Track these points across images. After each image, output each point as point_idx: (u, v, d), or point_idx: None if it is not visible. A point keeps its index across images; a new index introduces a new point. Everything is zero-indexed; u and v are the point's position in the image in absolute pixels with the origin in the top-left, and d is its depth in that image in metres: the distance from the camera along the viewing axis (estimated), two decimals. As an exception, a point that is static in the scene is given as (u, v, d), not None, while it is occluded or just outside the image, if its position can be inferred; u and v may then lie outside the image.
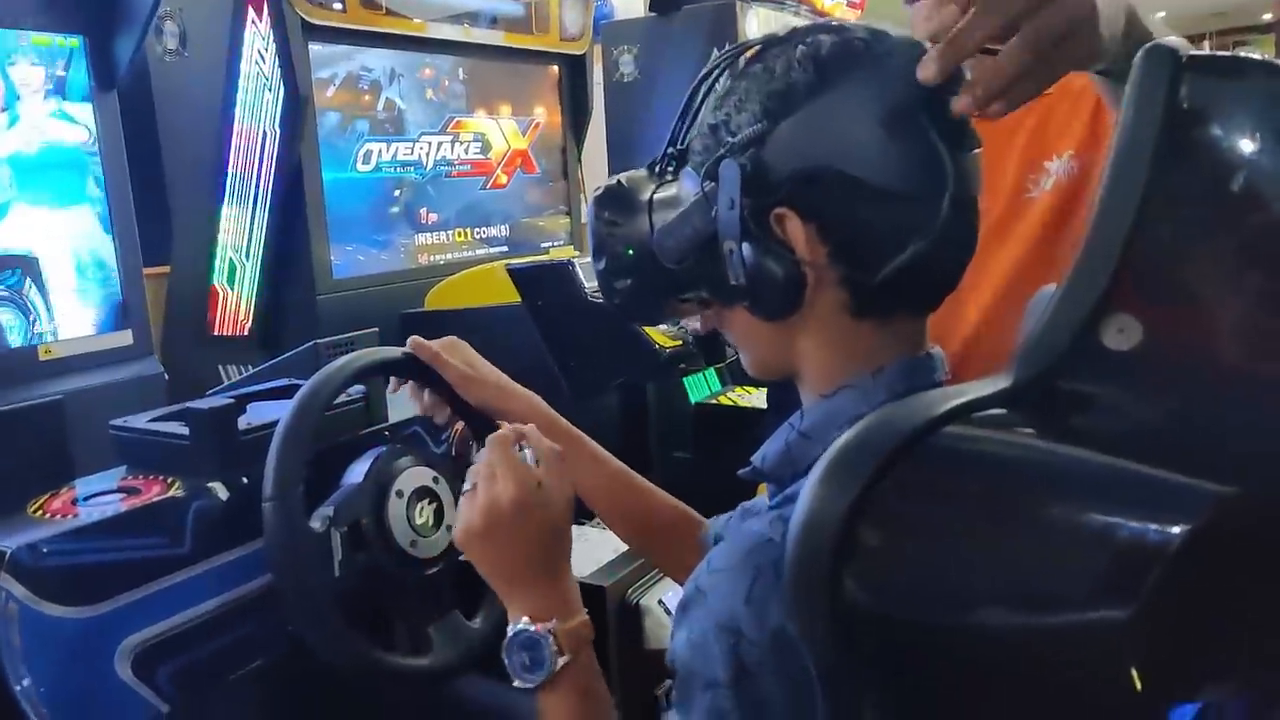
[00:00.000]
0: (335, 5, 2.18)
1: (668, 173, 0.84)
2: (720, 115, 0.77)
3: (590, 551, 1.57)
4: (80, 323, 1.87)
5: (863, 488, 0.53)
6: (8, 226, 1.80)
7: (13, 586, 0.95)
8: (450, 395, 1.16)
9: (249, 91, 2.17)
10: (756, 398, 2.27)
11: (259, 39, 2.13)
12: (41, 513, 1.08)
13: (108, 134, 1.90)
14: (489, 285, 2.11)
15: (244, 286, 2.28)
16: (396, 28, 2.36)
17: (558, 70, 2.95)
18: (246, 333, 2.28)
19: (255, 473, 1.06)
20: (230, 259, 2.28)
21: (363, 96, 2.40)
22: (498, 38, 2.67)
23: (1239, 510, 0.50)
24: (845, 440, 0.55)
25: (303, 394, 1.07)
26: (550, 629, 0.83)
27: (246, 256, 2.26)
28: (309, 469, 1.05)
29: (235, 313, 2.29)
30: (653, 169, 0.85)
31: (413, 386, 1.18)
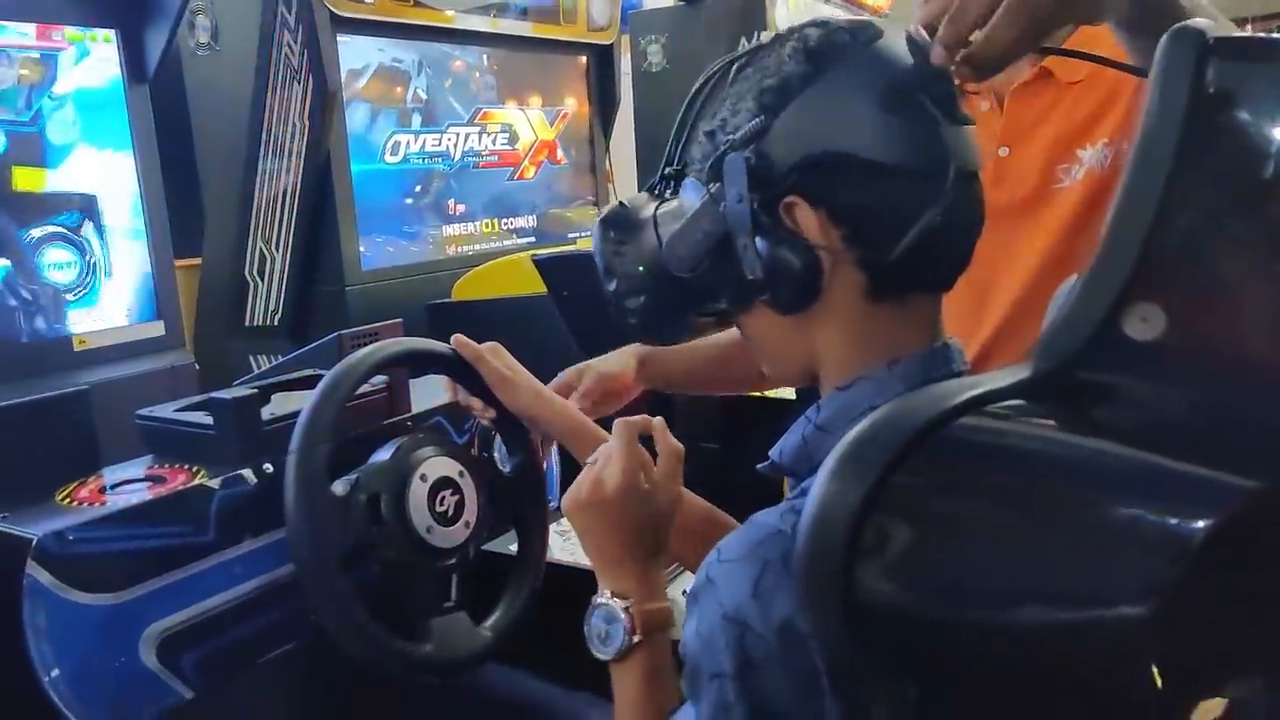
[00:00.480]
0: (364, -3, 2.19)
1: (668, 191, 0.84)
2: (716, 121, 0.78)
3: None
4: (113, 313, 1.89)
5: (875, 481, 0.52)
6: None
7: (39, 573, 0.96)
8: (486, 396, 1.16)
9: (278, 84, 2.19)
10: (785, 389, 2.25)
11: (288, 32, 2.15)
12: (69, 500, 1.09)
13: (140, 128, 1.92)
14: (515, 276, 2.11)
15: (274, 278, 2.30)
16: (424, 19, 2.37)
17: (585, 61, 2.94)
18: (277, 324, 2.31)
19: (279, 461, 1.07)
20: (261, 251, 2.30)
21: (391, 89, 2.41)
22: (525, 28, 2.67)
23: (1265, 504, 0.48)
24: (857, 433, 0.54)
25: (345, 364, 1.08)
26: (628, 607, 0.86)
27: (277, 248, 2.28)
28: (335, 451, 1.06)
29: (266, 304, 2.32)
30: (652, 190, 0.85)
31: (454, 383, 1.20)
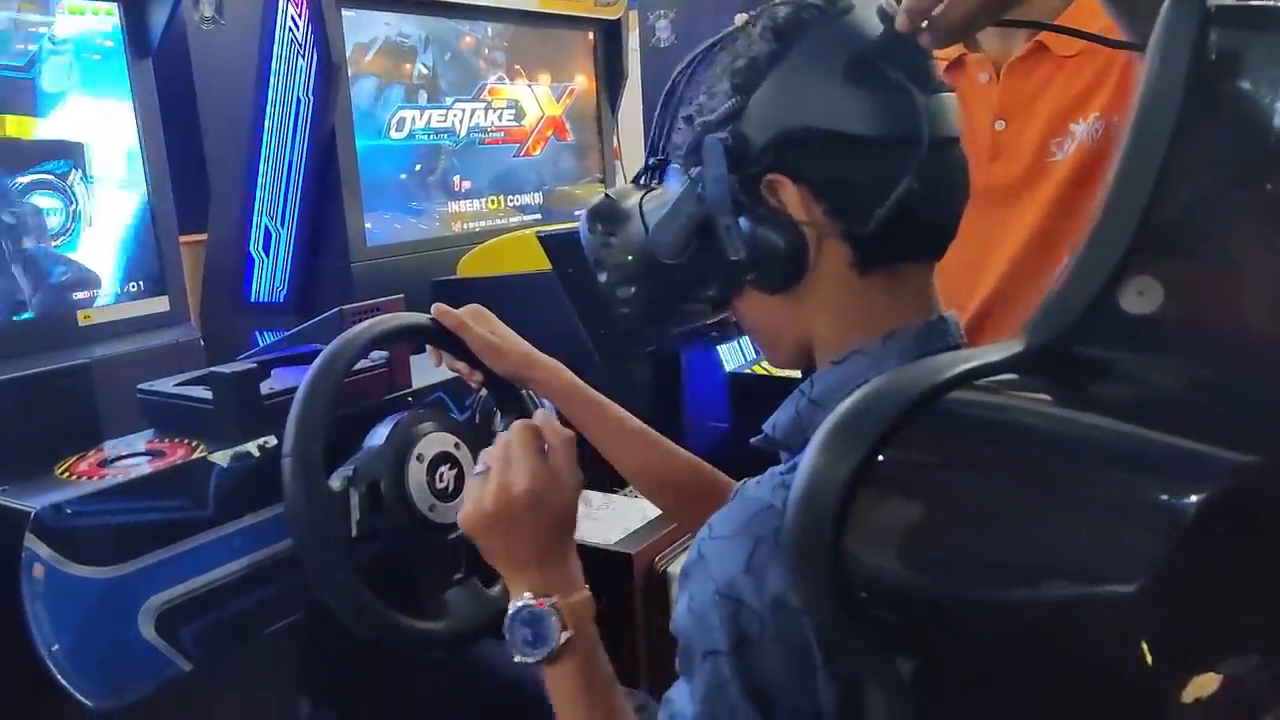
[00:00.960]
0: (368, -30, 2.18)
1: (653, 181, 0.84)
2: (692, 108, 0.78)
3: (618, 519, 1.57)
4: (118, 288, 1.89)
5: (864, 454, 0.52)
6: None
7: (38, 547, 0.97)
8: (474, 363, 1.16)
9: (282, 59, 2.18)
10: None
11: (292, 5, 2.13)
12: (68, 474, 1.10)
13: (144, 102, 1.91)
14: (521, 252, 2.10)
15: (279, 254, 2.29)
16: (430, -7, 2.35)
17: (593, 36, 2.92)
18: (282, 300, 2.30)
19: (279, 436, 1.07)
20: (266, 226, 2.29)
21: (397, 64, 2.40)
22: (533, 3, 2.65)
23: (1259, 478, 0.48)
24: (847, 406, 0.54)
25: (326, 355, 1.07)
26: (554, 604, 0.83)
27: (282, 224, 2.27)
28: (332, 433, 1.05)
29: (271, 280, 2.31)
30: (638, 181, 0.86)
31: (440, 352, 1.18)
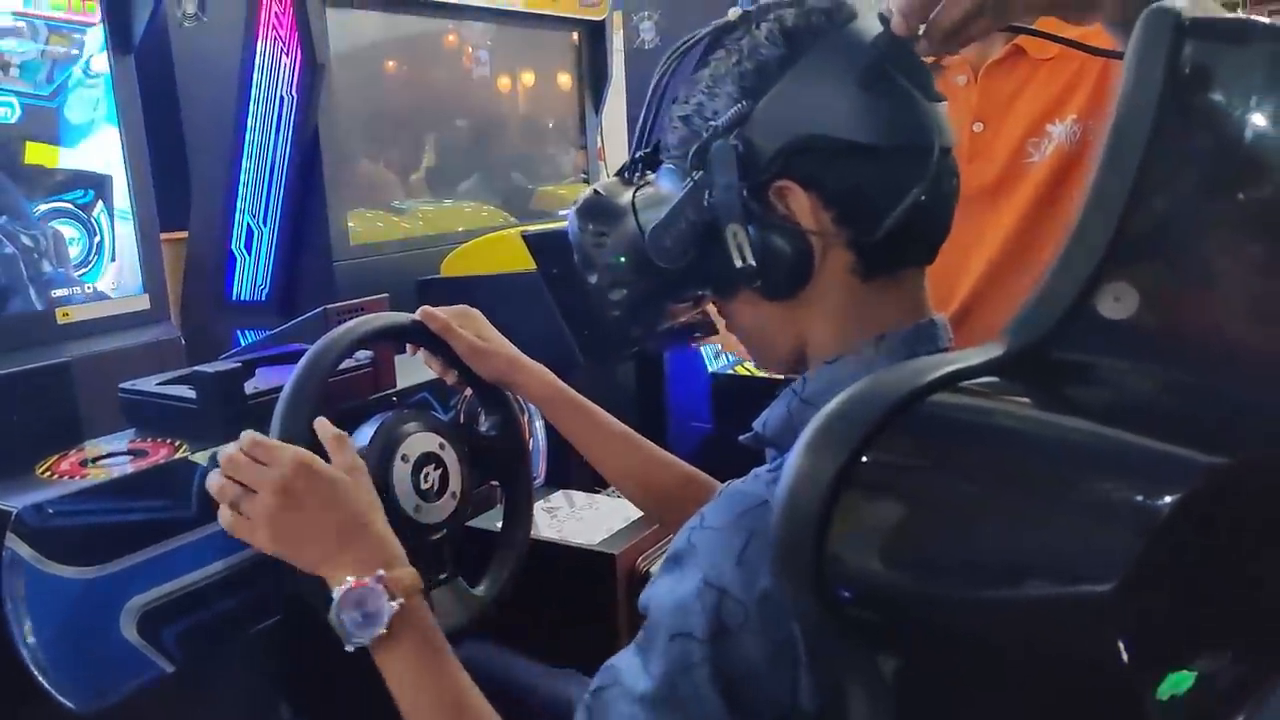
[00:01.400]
0: (352, -30, 2.17)
1: (643, 176, 0.82)
2: (690, 106, 0.77)
3: (601, 520, 1.57)
4: (99, 286, 1.88)
5: (848, 456, 0.52)
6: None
7: (19, 546, 0.96)
8: (460, 366, 1.16)
9: (266, 57, 2.17)
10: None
11: (276, 4, 2.13)
12: (49, 474, 1.09)
13: (125, 100, 1.91)
14: (504, 252, 2.10)
15: (262, 252, 2.28)
16: (414, -7, 2.35)
17: (577, 36, 2.93)
18: (264, 298, 2.30)
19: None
20: (248, 224, 2.29)
21: (381, 62, 2.39)
22: (518, 3, 2.65)
23: (1232, 478, 0.49)
24: (831, 408, 0.54)
25: (311, 354, 1.07)
26: (377, 578, 0.81)
27: (264, 222, 2.27)
28: (314, 433, 1.05)
29: (253, 279, 2.31)
30: (624, 175, 0.83)
31: (425, 352, 1.19)
